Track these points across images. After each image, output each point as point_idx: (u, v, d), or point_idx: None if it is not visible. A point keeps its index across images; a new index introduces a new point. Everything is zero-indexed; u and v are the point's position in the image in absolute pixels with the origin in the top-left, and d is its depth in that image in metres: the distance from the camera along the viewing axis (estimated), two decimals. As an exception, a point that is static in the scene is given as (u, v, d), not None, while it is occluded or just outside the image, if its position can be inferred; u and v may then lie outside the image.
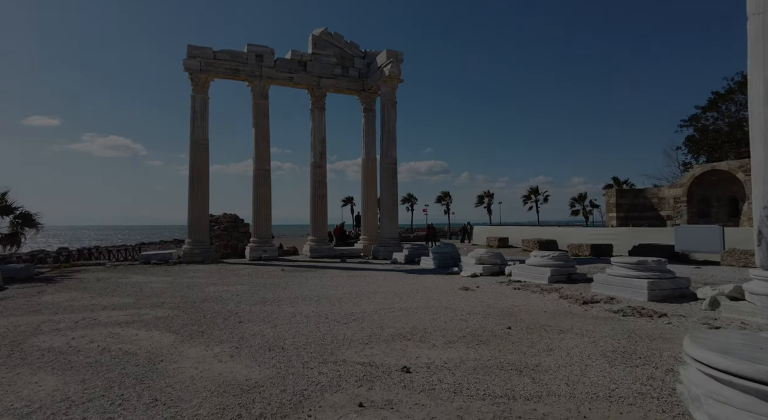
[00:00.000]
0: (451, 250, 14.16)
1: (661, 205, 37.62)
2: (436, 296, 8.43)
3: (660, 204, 37.74)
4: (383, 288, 9.70)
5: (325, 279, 11.54)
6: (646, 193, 39.28)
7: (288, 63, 19.18)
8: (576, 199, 50.70)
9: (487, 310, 7.06)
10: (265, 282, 11.05)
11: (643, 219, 37.22)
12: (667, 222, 35.47)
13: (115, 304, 8.03)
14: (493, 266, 11.83)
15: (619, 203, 39.86)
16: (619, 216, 38.97)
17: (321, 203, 19.77)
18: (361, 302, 7.93)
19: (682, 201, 33.89)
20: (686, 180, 33.99)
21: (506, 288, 9.30)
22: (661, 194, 37.54)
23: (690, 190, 33.32)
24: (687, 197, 33.38)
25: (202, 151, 17.57)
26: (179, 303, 8.09)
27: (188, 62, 17.47)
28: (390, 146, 18.45)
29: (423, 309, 7.16)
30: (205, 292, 9.49)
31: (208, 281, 11.28)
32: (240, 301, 8.29)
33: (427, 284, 10.16)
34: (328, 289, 9.60)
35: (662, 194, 37.38)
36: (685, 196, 33.54)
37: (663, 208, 37.08)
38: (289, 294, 9.05)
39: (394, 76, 18.11)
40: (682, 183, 34.36)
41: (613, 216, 39.69)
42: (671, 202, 35.22)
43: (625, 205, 39.69)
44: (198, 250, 17.15)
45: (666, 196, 35.98)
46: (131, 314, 7.06)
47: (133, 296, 8.92)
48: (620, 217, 38.87)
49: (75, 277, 12.24)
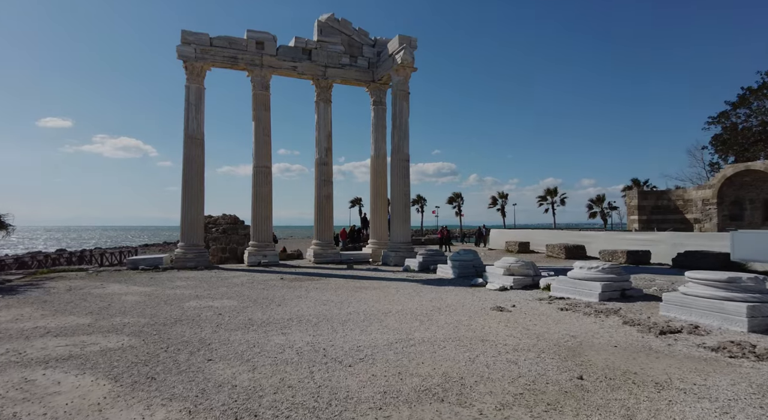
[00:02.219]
0: (472, 258, 12.44)
1: (686, 207, 35.48)
2: (466, 320, 6.74)
3: (686, 206, 35.60)
4: (397, 305, 8.03)
5: (329, 291, 9.90)
6: (670, 194, 37.14)
7: (291, 51, 17.62)
8: (594, 201, 48.47)
9: (538, 343, 5.35)
10: (258, 295, 9.44)
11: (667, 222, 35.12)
12: (694, 225, 33.35)
13: (65, 326, 6.45)
14: (525, 278, 10.11)
15: (641, 205, 37.81)
16: (641, 219, 36.92)
17: (326, 204, 18.15)
18: (370, 328, 6.26)
19: (712, 203, 31.75)
20: (716, 181, 31.84)
21: (549, 308, 7.56)
22: (687, 196, 35.40)
23: (721, 192, 31.18)
24: (718, 199, 31.25)
25: (197, 145, 16.05)
26: (144, 325, 6.50)
27: (182, 49, 15.98)
28: (402, 141, 16.78)
29: (453, 341, 5.47)
30: (183, 308, 7.90)
31: (192, 293, 9.70)
32: (220, 323, 6.67)
33: (450, 301, 8.46)
34: (330, 307, 7.95)
35: (688, 196, 35.24)
36: (716, 198, 31.39)
37: (689, 211, 34.94)
38: (283, 313, 7.41)
39: (407, 63, 16.45)
40: (712, 184, 32.21)
41: (634, 219, 37.65)
42: (699, 205, 33.08)
43: (648, 207, 37.62)
44: (191, 254, 15.63)
45: (693, 197, 33.84)
46: (75, 343, 5.47)
47: (93, 314, 7.35)
48: (642, 219, 36.83)
49: (44, 286, 10.74)
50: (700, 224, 33.20)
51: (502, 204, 52.55)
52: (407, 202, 17.00)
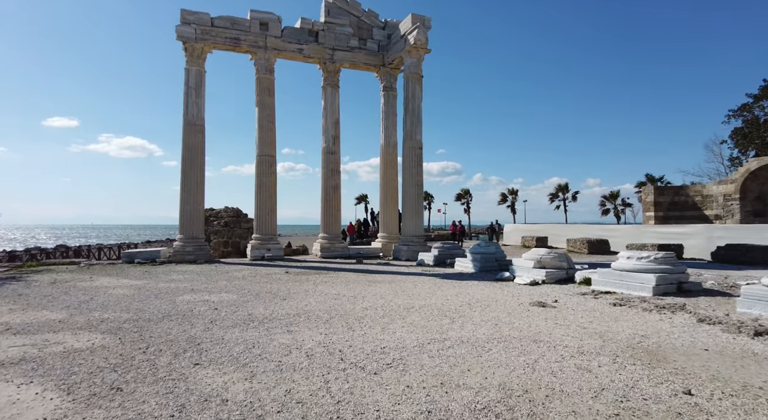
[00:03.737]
0: (494, 251, 11.38)
1: (706, 203, 34.17)
2: (505, 317, 5.68)
3: (705, 202, 34.29)
4: (418, 300, 6.99)
5: (339, 285, 8.88)
6: (688, 190, 35.80)
7: (297, 32, 16.60)
8: (606, 198, 47.13)
9: (605, 345, 4.30)
10: (260, 289, 8.43)
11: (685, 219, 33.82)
12: (715, 222, 32.08)
13: (32, 322, 5.47)
14: (558, 271, 9.04)
15: (657, 201, 36.52)
16: (658, 215, 35.65)
17: (334, 195, 17.13)
18: (392, 325, 5.23)
19: (734, 198, 30.43)
20: (739, 175, 30.51)
21: (598, 303, 6.49)
22: (706, 191, 34.09)
23: (744, 187, 29.86)
24: (740, 194, 29.93)
25: (197, 132, 15.07)
26: (125, 321, 5.50)
27: (182, 29, 15.00)
28: (415, 127, 15.72)
29: (498, 342, 4.42)
30: (174, 302, 6.90)
31: (188, 287, 8.71)
32: (215, 319, 5.66)
33: (479, 295, 7.41)
34: (342, 302, 6.93)
35: (707, 191, 33.92)
36: (738, 193, 30.06)
37: (709, 207, 33.63)
38: (289, 308, 6.40)
39: (420, 44, 15.39)
40: (734, 179, 30.89)
41: (650, 215, 36.37)
42: (720, 200, 31.77)
43: (665, 203, 36.34)
44: (190, 247, 14.65)
45: (714, 193, 32.53)
46: (35, 343, 4.48)
47: (70, 309, 6.37)
48: (659, 216, 35.56)
49: (27, 279, 9.79)
50: (722, 221, 31.90)
51: (512, 201, 51.20)
52: (420, 192, 15.95)
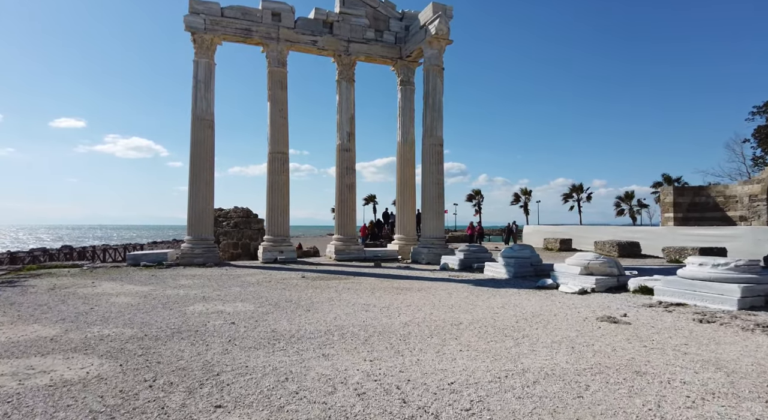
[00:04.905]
0: (529, 255, 10.46)
1: (728, 204, 32.99)
2: (577, 337, 4.78)
3: (727, 203, 33.11)
4: (463, 313, 6.10)
5: (365, 293, 8.01)
6: (710, 190, 34.59)
7: (311, 23, 15.78)
8: (622, 198, 45.94)
9: (734, 380, 3.38)
10: (278, 297, 7.58)
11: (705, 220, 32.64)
12: (739, 224, 30.93)
13: (18, 341, 4.64)
14: (608, 278, 8.11)
15: (676, 202, 35.32)
16: (677, 216, 34.48)
17: (349, 194, 16.28)
18: (447, 348, 4.35)
19: (761, 199, 29.26)
20: (766, 175, 29.37)
21: (677, 319, 5.56)
22: (729, 192, 32.91)
23: (771, 187, 28.72)
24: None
25: (206, 127, 14.27)
26: (129, 340, 4.66)
27: (190, 19, 14.22)
28: (436, 123, 14.84)
29: (592, 375, 3.52)
30: (185, 314, 6.06)
31: (198, 294, 7.87)
32: (234, 337, 4.80)
33: (530, 308, 6.50)
34: (375, 314, 6.06)
35: (730, 192, 32.75)
36: (765, 194, 28.92)
37: (732, 208, 32.46)
38: (317, 323, 5.53)
39: (442, 34, 14.50)
40: (761, 178, 29.72)
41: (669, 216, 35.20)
42: (745, 201, 30.60)
43: (684, 204, 35.14)
44: (199, 249, 13.84)
45: (738, 193, 31.36)
46: (16, 372, 3.63)
47: (66, 322, 5.54)
48: (678, 217, 34.39)
49: (23, 284, 8.99)
50: (746, 222, 30.74)
51: (525, 201, 50.08)
52: (441, 192, 15.06)
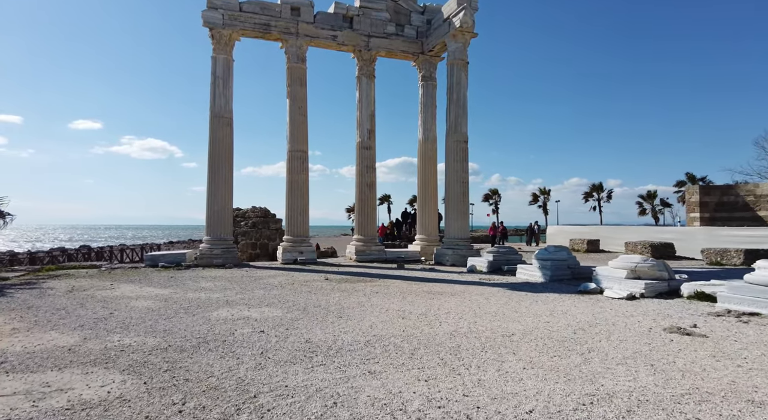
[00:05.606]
0: (566, 257, 9.86)
1: (759, 203, 31.73)
2: (649, 351, 4.23)
3: (758, 202, 31.85)
4: (511, 322, 5.59)
5: (395, 298, 7.53)
6: (738, 189, 33.31)
7: (330, 18, 15.37)
8: (644, 198, 44.69)
9: None
10: (305, 301, 7.14)
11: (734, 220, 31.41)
12: (772, 223, 29.71)
13: (35, 350, 4.27)
14: (659, 283, 7.50)
15: (703, 201, 34.12)
16: (704, 216, 33.28)
17: (370, 193, 15.83)
18: (507, 365, 3.85)
19: (795, 198, 28.07)
20: (801, 173, 28.15)
21: (758, 332, 4.97)
22: (760, 191, 31.64)
23: (807, 185, 27.50)
24: (802, 193, 27.56)
25: (225, 125, 13.95)
26: (152, 351, 4.26)
27: (208, 15, 13.91)
28: (460, 119, 14.29)
29: (696, 403, 2.98)
30: (209, 320, 5.66)
31: (221, 297, 7.49)
32: (265, 348, 4.37)
33: (582, 316, 5.95)
34: (414, 322, 5.57)
35: (761, 191, 31.49)
36: (800, 193, 27.72)
37: (764, 207, 31.20)
38: (352, 331, 5.07)
39: (466, 27, 13.96)
40: (795, 176, 28.53)
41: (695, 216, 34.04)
42: (779, 200, 29.39)
43: (711, 203, 33.91)
44: (218, 250, 13.52)
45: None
46: (30, 390, 3.24)
47: (85, 329, 5.18)
48: (705, 217, 33.19)
49: (42, 286, 8.73)
50: (780, 222, 29.50)
51: (544, 201, 49.01)
52: (465, 190, 14.50)
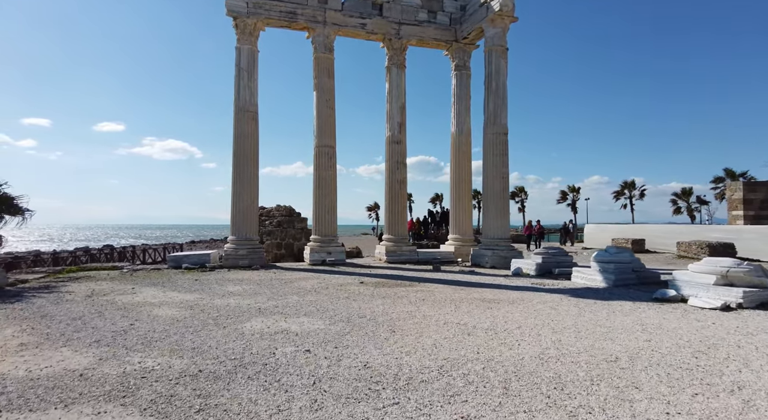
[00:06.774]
0: (630, 259, 8.80)
1: (810, 200, 29.68)
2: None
3: (809, 199, 29.79)
4: (605, 342, 4.63)
5: (447, 307, 6.63)
6: (788, 185, 31.22)
7: (359, 5, 14.52)
8: (678, 195, 42.54)
9: None
10: (346, 310, 6.31)
11: (782, 218, 29.52)
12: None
13: (41, 376, 3.52)
14: (759, 291, 6.41)
15: (747, 198, 32.04)
16: (748, 214, 31.26)
17: (400, 191, 14.94)
18: (639, 405, 2.92)
19: None
20: None
21: None
22: (812, 187, 29.60)
23: None
24: None
25: (250, 119, 13.25)
26: (179, 378, 3.46)
27: (232, 3, 13.22)
28: (500, 109, 13.28)
29: None
30: (243, 335, 4.86)
31: (252, 304, 6.71)
32: (317, 376, 3.53)
33: (685, 334, 4.95)
34: (485, 340, 4.67)
35: (813, 187, 29.45)
36: None
37: (816, 205, 29.17)
38: (416, 353, 4.20)
39: (506, 11, 12.95)
40: None
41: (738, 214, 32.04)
42: (834, 197, 27.33)
43: (756, 201, 31.81)
44: (244, 250, 12.83)
45: (825, 188, 28.07)
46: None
47: (102, 345, 4.44)
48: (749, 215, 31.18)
49: (61, 289, 8.11)
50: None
51: (573, 199, 47.13)
52: (506, 186, 13.48)
